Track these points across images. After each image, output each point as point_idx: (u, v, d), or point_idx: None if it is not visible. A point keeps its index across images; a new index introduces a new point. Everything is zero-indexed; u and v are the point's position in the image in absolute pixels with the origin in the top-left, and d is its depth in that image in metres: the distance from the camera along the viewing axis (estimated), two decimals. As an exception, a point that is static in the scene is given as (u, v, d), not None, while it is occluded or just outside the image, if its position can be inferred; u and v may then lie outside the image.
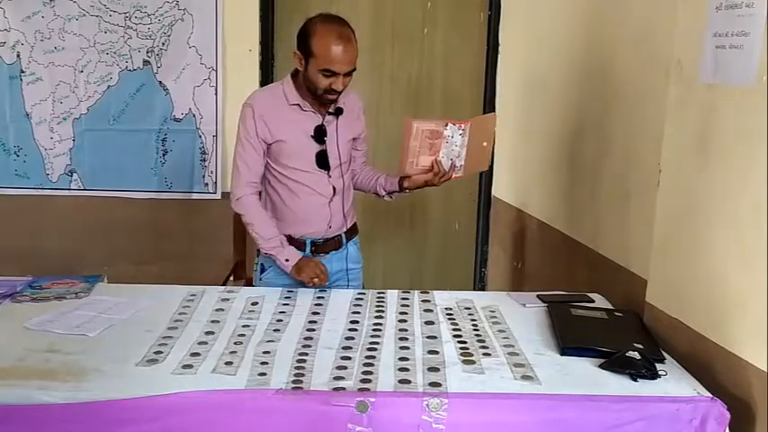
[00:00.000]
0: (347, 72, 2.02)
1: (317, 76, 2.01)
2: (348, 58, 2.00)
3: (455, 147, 2.07)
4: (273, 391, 1.42)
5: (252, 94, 2.20)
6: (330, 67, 1.98)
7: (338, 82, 2.01)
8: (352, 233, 2.29)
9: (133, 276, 2.15)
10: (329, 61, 1.98)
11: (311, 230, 2.18)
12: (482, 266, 3.71)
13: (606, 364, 1.55)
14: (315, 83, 2.03)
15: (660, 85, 1.77)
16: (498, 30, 3.45)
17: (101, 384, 1.43)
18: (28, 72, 3.26)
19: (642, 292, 1.83)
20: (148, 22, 3.23)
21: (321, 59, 1.98)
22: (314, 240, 2.19)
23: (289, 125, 2.11)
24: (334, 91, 2.03)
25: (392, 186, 2.24)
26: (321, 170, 2.13)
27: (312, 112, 2.12)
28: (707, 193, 1.56)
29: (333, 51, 1.97)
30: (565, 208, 2.57)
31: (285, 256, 2.08)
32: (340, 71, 1.99)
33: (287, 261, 2.07)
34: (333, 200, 2.17)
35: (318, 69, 2.00)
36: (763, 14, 1.38)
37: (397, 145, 2.24)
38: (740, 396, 1.44)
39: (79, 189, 3.37)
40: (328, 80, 2.01)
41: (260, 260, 2.24)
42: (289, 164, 2.13)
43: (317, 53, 1.99)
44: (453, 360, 1.59)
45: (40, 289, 1.97)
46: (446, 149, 2.06)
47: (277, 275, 2.17)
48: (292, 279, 2.11)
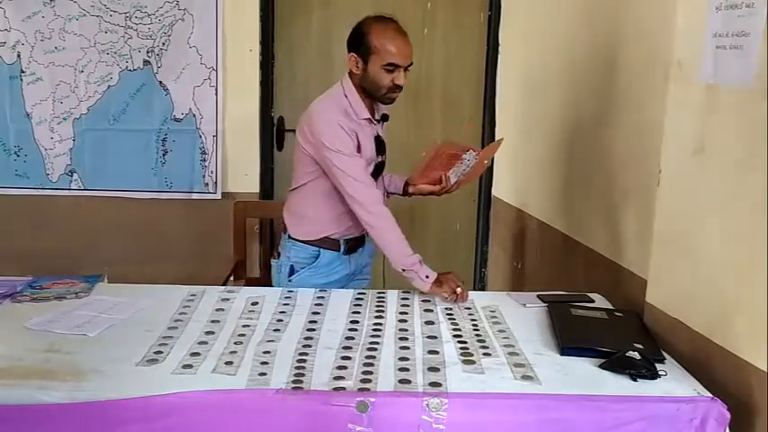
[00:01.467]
0: (407, 66, 2.05)
1: (379, 74, 2.03)
2: (409, 50, 2.04)
3: (466, 168, 2.17)
4: (273, 390, 1.42)
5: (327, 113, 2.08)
6: (393, 60, 2.01)
7: (400, 76, 2.04)
8: None
9: (133, 276, 2.15)
10: (392, 54, 2.01)
11: (352, 232, 2.21)
12: (482, 266, 3.71)
13: (606, 364, 1.55)
14: (377, 81, 2.04)
15: (660, 86, 1.77)
16: (498, 30, 3.46)
17: (101, 384, 1.43)
18: (28, 72, 3.26)
19: (642, 292, 1.83)
20: (149, 22, 3.23)
21: (385, 54, 2.01)
22: (347, 239, 2.21)
23: (364, 138, 2.11)
24: (397, 86, 2.05)
25: (395, 189, 2.28)
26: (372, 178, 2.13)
27: (374, 123, 2.16)
28: (707, 193, 1.56)
29: (394, 44, 2.01)
30: (565, 208, 2.57)
31: (425, 273, 2.00)
32: (402, 63, 2.03)
33: (426, 278, 1.99)
34: None
35: (381, 65, 2.02)
36: (763, 15, 1.38)
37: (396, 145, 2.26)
38: (740, 396, 1.44)
39: (79, 189, 3.37)
40: (391, 75, 2.03)
41: (288, 261, 2.22)
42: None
43: (379, 49, 2.02)
44: (453, 360, 1.59)
45: (41, 289, 1.97)
46: (457, 169, 2.16)
47: (312, 276, 2.18)
48: (325, 281, 2.15)
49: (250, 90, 3.34)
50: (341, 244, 2.21)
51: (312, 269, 2.20)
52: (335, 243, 2.21)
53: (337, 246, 2.21)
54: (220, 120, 3.32)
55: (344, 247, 2.22)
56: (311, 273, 2.19)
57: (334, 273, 2.22)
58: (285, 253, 2.23)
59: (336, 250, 2.21)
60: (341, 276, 2.24)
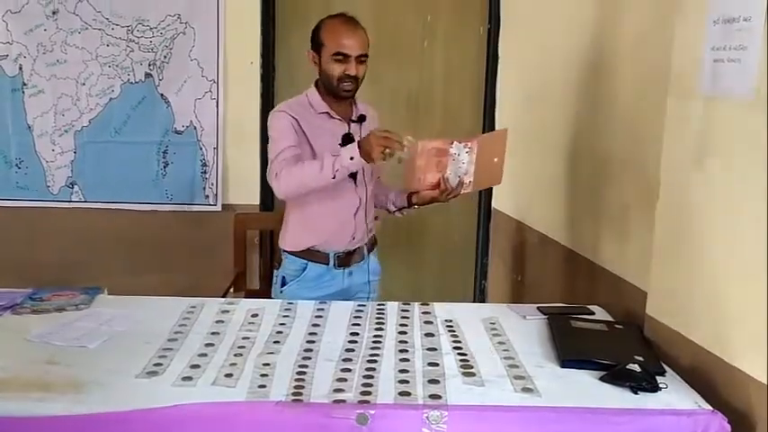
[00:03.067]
0: (359, 56, 2.05)
1: (330, 65, 2.06)
2: (357, 40, 2.05)
3: (462, 164, 2.05)
4: (273, 403, 1.41)
5: (279, 106, 2.18)
6: (340, 49, 2.03)
7: (351, 66, 2.05)
8: (373, 244, 2.32)
9: (133, 288, 2.15)
10: (339, 44, 2.03)
11: (336, 242, 2.19)
12: (482, 278, 3.71)
13: (607, 376, 1.55)
14: (329, 72, 2.07)
15: (659, 98, 1.78)
16: (498, 43, 3.47)
17: (100, 396, 1.42)
18: (30, 85, 3.28)
19: (642, 304, 1.83)
20: (150, 35, 3.25)
21: (331, 44, 2.04)
22: (337, 253, 2.19)
23: (320, 132, 2.12)
24: (349, 77, 2.05)
25: (402, 202, 2.25)
26: (349, 179, 2.11)
27: (339, 120, 2.15)
28: (707, 205, 1.57)
29: (341, 34, 2.04)
30: (565, 220, 2.58)
31: (349, 154, 1.92)
32: (351, 53, 2.04)
33: (352, 159, 1.93)
34: (358, 210, 2.19)
35: (330, 56, 2.04)
36: (761, 28, 1.39)
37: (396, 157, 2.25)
38: (741, 409, 1.44)
39: (80, 201, 3.37)
40: (342, 66, 2.04)
41: (280, 273, 2.24)
42: None
43: (326, 40, 2.06)
44: (453, 372, 1.59)
45: (41, 301, 1.97)
46: (453, 167, 2.04)
47: (299, 288, 2.18)
48: (315, 294, 2.13)
49: (251, 103, 3.36)
50: (330, 257, 2.20)
51: (299, 282, 2.19)
52: (324, 256, 2.19)
53: (326, 259, 2.19)
54: (221, 132, 3.33)
55: (334, 261, 2.20)
56: (299, 285, 2.19)
57: (324, 287, 2.20)
58: (281, 264, 2.25)
59: (325, 263, 2.19)
60: (333, 291, 2.20)
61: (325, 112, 2.14)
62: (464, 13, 3.55)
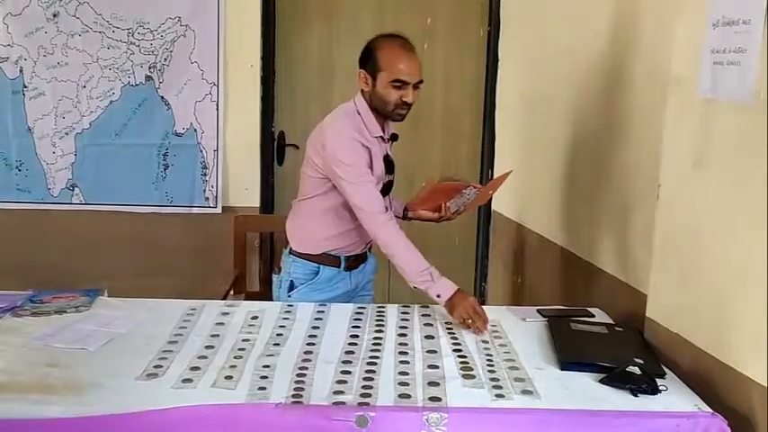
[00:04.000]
0: (416, 83, 2.04)
1: (387, 90, 2.03)
2: (416, 67, 2.05)
3: (468, 199, 2.20)
4: (273, 405, 1.41)
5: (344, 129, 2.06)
6: (400, 76, 2.01)
7: (408, 93, 2.03)
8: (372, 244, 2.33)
9: (133, 290, 2.15)
10: (398, 71, 2.01)
11: (354, 249, 2.21)
12: (482, 281, 3.71)
13: (606, 378, 1.55)
14: (385, 98, 2.04)
15: (659, 100, 1.78)
16: (498, 45, 3.48)
17: (100, 398, 1.43)
18: (30, 87, 3.28)
19: (642, 306, 1.83)
20: (151, 38, 3.26)
21: (390, 71, 2.02)
22: (348, 256, 2.21)
23: (375, 157, 2.11)
24: (406, 104, 2.05)
25: (396, 212, 2.27)
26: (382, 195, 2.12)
27: (385, 141, 2.16)
28: (706, 207, 1.57)
29: (401, 60, 2.02)
30: (565, 222, 2.58)
31: (437, 292, 1.91)
32: (410, 80, 2.03)
33: (438, 297, 1.91)
34: None
35: (389, 81, 2.02)
36: (760, 31, 1.39)
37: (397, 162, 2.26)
38: (741, 411, 1.44)
39: (80, 203, 3.38)
40: (399, 92, 2.03)
41: (288, 276, 2.22)
42: None
43: (386, 65, 2.02)
44: (453, 374, 1.59)
45: (41, 303, 1.97)
46: (458, 200, 2.19)
47: (311, 291, 2.17)
48: (325, 297, 2.13)
49: (251, 105, 3.36)
50: (341, 260, 2.21)
51: (311, 285, 2.19)
52: (336, 259, 2.20)
53: (338, 262, 2.21)
54: (221, 134, 3.34)
55: (345, 264, 2.21)
56: (310, 289, 2.19)
57: (334, 289, 2.21)
58: (286, 268, 2.23)
59: (337, 266, 2.20)
60: (341, 293, 2.22)
61: (379, 137, 2.12)
62: (464, 15, 3.55)
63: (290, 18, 3.47)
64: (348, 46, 3.52)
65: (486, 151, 3.60)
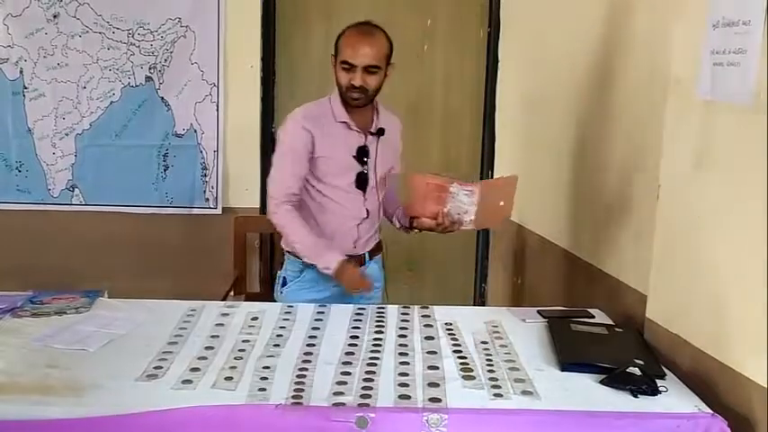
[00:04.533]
0: (367, 66, 2.02)
1: (339, 73, 2.06)
2: (366, 50, 2.02)
3: (462, 204, 2.03)
4: (273, 406, 1.41)
5: (298, 110, 2.16)
6: (347, 58, 2.02)
7: (356, 77, 2.02)
8: (376, 251, 2.29)
9: (133, 291, 2.15)
10: (346, 53, 2.03)
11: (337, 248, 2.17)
12: (482, 282, 3.71)
13: (606, 379, 1.55)
14: (338, 80, 2.07)
15: (659, 101, 1.78)
16: (498, 46, 3.48)
17: (100, 399, 1.43)
18: (31, 88, 3.28)
19: (642, 307, 1.83)
20: (151, 38, 3.26)
21: (341, 52, 2.05)
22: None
23: (335, 142, 2.11)
24: (354, 87, 2.03)
25: (405, 222, 2.23)
26: (358, 190, 2.13)
27: (357, 132, 2.13)
28: (706, 208, 1.57)
29: (352, 43, 2.03)
30: (565, 223, 2.58)
31: (324, 265, 2.04)
32: (355, 62, 2.02)
33: (326, 269, 2.04)
34: (363, 222, 2.18)
35: (339, 64, 2.04)
36: (761, 32, 1.39)
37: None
38: (741, 412, 1.44)
39: (80, 204, 3.38)
40: (348, 75, 2.03)
41: (282, 273, 2.24)
42: (328, 181, 2.13)
43: (340, 47, 2.06)
44: (453, 375, 1.58)
45: (41, 304, 1.97)
46: (452, 204, 2.03)
47: (299, 289, 2.17)
48: (313, 294, 2.12)
49: (251, 106, 3.36)
50: None
51: (299, 283, 2.19)
52: None
53: None
54: (221, 135, 3.34)
55: None
56: (298, 287, 2.19)
57: (323, 290, 2.17)
58: (283, 265, 2.25)
59: None
60: (331, 294, 2.17)
61: (343, 122, 2.11)
62: (464, 16, 3.55)
63: (290, 19, 3.47)
64: (348, 47, 3.52)
65: (486, 152, 3.60)
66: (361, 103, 2.09)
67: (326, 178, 2.12)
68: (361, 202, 2.16)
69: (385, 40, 2.07)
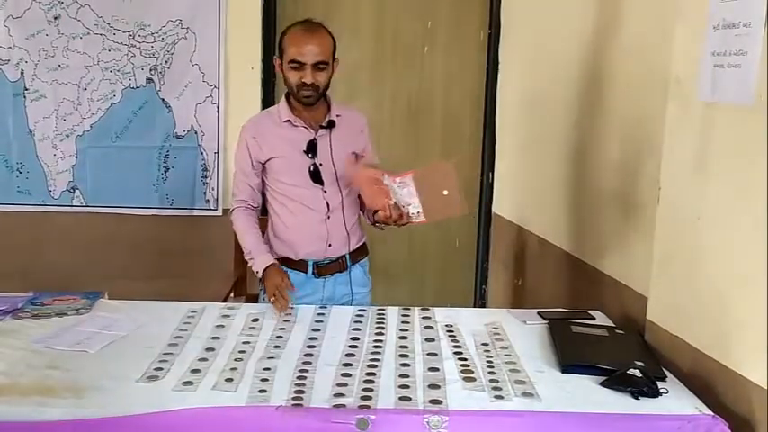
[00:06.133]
0: (315, 63, 2.03)
1: (288, 72, 2.07)
2: (312, 47, 2.02)
3: (402, 197, 1.96)
4: (274, 407, 1.41)
5: (252, 117, 2.26)
6: (295, 57, 2.03)
7: (307, 74, 2.03)
8: (359, 255, 2.26)
9: (134, 293, 2.15)
10: (293, 52, 2.04)
11: (310, 250, 2.16)
12: (482, 283, 3.71)
13: (607, 381, 1.55)
14: (288, 80, 2.09)
15: (659, 103, 1.78)
16: (498, 48, 3.48)
17: (101, 401, 1.43)
18: (32, 89, 3.28)
19: (643, 309, 1.83)
20: (152, 40, 3.26)
21: (288, 52, 2.05)
22: (316, 261, 2.17)
23: (281, 141, 2.14)
24: (306, 85, 2.04)
25: (369, 217, 2.16)
26: (316, 185, 2.13)
27: (305, 128, 2.14)
28: (707, 210, 1.57)
29: (297, 41, 2.04)
30: (565, 225, 2.58)
31: (256, 268, 2.09)
32: (304, 60, 2.02)
33: (257, 273, 2.09)
34: (330, 216, 2.16)
35: (287, 63, 2.05)
36: (761, 34, 1.39)
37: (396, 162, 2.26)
38: (741, 414, 1.44)
39: (81, 206, 3.38)
40: (298, 73, 2.04)
41: None
42: (284, 180, 2.15)
43: (286, 47, 2.07)
44: (454, 377, 1.58)
45: (42, 305, 1.97)
46: (396, 197, 1.96)
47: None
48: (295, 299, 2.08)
49: (251, 107, 3.35)
50: (309, 266, 2.16)
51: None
52: (303, 264, 2.16)
53: (305, 267, 2.16)
54: (222, 137, 3.34)
55: (313, 270, 2.17)
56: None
57: (305, 295, 2.14)
58: None
59: (304, 272, 2.17)
60: (314, 300, 2.15)
61: (287, 121, 2.14)
62: (464, 18, 3.56)
63: (291, 20, 3.42)
64: (348, 49, 3.52)
65: (486, 153, 3.60)
66: (313, 101, 2.10)
67: (283, 177, 2.15)
68: (320, 195, 2.14)
69: (329, 37, 2.09)
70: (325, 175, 2.13)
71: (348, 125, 2.19)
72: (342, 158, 2.14)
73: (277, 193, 2.17)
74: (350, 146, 2.19)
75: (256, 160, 2.16)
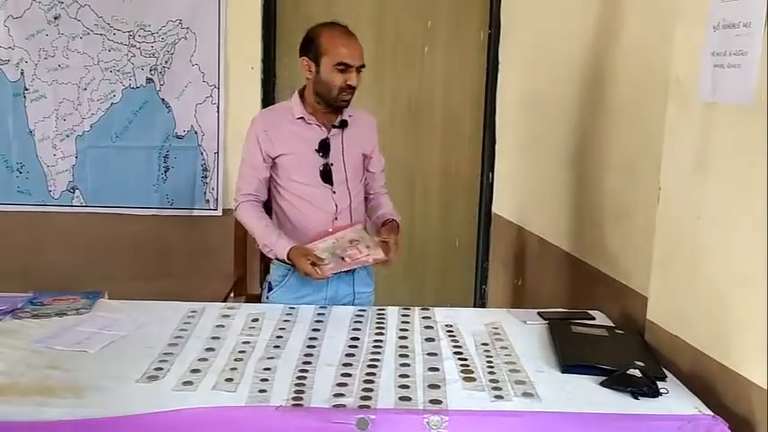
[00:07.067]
0: (359, 66, 2.06)
1: (331, 75, 2.05)
2: (359, 50, 2.07)
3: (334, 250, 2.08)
4: (274, 407, 1.41)
5: (263, 110, 2.24)
6: (345, 59, 2.03)
7: (352, 77, 2.05)
8: None
9: (134, 293, 2.15)
10: (342, 54, 2.04)
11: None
12: (482, 283, 3.71)
13: (607, 381, 1.55)
14: (330, 82, 2.05)
15: (659, 103, 1.78)
16: (498, 48, 3.48)
17: (101, 401, 1.42)
18: (32, 89, 3.28)
19: (643, 309, 1.83)
20: (152, 40, 3.26)
21: (334, 55, 2.04)
22: None
23: (293, 138, 2.13)
24: (350, 87, 2.06)
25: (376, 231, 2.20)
26: (326, 185, 2.13)
27: (317, 126, 2.14)
28: (706, 210, 1.57)
29: (344, 44, 2.05)
30: (565, 225, 2.58)
31: (279, 256, 2.07)
32: (353, 63, 2.04)
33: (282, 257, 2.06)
34: (337, 217, 2.15)
35: (333, 65, 2.04)
36: (761, 34, 1.39)
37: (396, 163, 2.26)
38: (741, 414, 1.44)
39: (81, 206, 3.38)
40: (343, 75, 2.04)
41: (268, 278, 2.24)
42: (293, 177, 2.14)
43: (329, 50, 2.05)
44: (454, 377, 1.58)
45: (42, 305, 1.97)
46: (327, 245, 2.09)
47: (284, 294, 2.17)
48: (298, 300, 2.11)
49: (251, 107, 3.35)
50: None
51: (284, 288, 2.17)
52: None
53: None
54: (222, 137, 3.34)
55: None
56: (283, 292, 2.17)
57: (308, 294, 2.15)
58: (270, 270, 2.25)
59: None
60: (317, 299, 2.15)
61: (300, 118, 2.13)
62: (464, 18, 3.56)
63: (291, 20, 3.47)
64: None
65: (486, 153, 3.61)
66: (348, 104, 2.12)
67: (293, 175, 2.14)
68: (329, 196, 2.14)
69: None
70: (335, 175, 2.13)
71: (359, 126, 2.20)
72: (352, 159, 2.17)
73: (285, 190, 2.16)
74: (360, 146, 2.20)
75: (267, 154, 2.14)
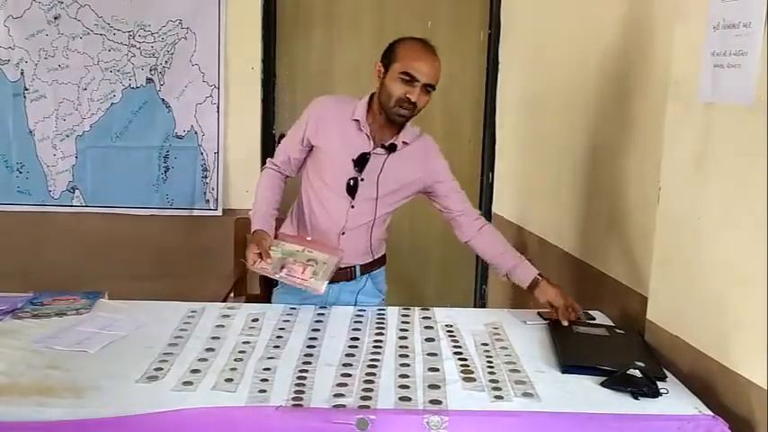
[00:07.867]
0: (426, 84, 1.93)
1: (394, 83, 1.93)
2: (431, 67, 1.93)
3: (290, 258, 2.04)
4: (274, 408, 1.41)
5: (324, 96, 2.16)
6: (411, 70, 1.91)
7: (414, 92, 1.92)
8: (372, 266, 2.19)
9: (134, 293, 2.15)
10: (410, 65, 1.91)
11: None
12: (483, 283, 3.71)
13: (607, 381, 1.55)
14: (390, 89, 1.94)
15: (659, 104, 1.78)
16: (498, 49, 3.48)
17: (100, 401, 1.42)
18: (32, 89, 3.29)
19: (643, 309, 1.83)
20: (152, 40, 3.27)
21: (403, 62, 1.92)
22: None
23: (337, 138, 2.04)
24: (409, 102, 1.93)
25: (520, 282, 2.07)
26: (347, 197, 2.05)
27: (367, 136, 2.03)
28: (706, 210, 1.57)
29: (417, 56, 1.93)
30: (565, 225, 2.58)
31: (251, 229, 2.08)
32: (419, 78, 1.91)
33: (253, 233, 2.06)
34: (345, 232, 2.08)
35: (398, 73, 1.92)
36: (761, 34, 1.39)
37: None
38: (741, 414, 1.44)
39: (81, 206, 3.38)
40: (405, 87, 1.92)
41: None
42: (322, 175, 2.08)
43: (401, 56, 1.94)
44: (454, 377, 1.58)
45: (41, 305, 1.97)
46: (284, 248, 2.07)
47: (285, 293, 2.16)
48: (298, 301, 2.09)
49: (251, 107, 3.37)
50: None
51: (286, 286, 2.13)
52: None
53: None
54: (222, 137, 3.34)
55: None
56: (284, 291, 2.16)
57: (309, 296, 2.06)
58: None
59: None
60: (317, 303, 2.09)
61: (356, 120, 2.03)
62: (464, 19, 3.56)
63: (291, 20, 3.47)
64: (348, 49, 3.53)
65: (486, 153, 3.61)
66: (404, 121, 2.01)
67: (322, 173, 2.07)
68: (345, 209, 2.06)
69: (440, 63, 1.97)
70: (361, 191, 2.03)
71: (411, 156, 2.08)
72: (388, 184, 2.05)
73: (310, 183, 2.11)
74: (402, 176, 2.08)
75: (308, 139, 2.07)
